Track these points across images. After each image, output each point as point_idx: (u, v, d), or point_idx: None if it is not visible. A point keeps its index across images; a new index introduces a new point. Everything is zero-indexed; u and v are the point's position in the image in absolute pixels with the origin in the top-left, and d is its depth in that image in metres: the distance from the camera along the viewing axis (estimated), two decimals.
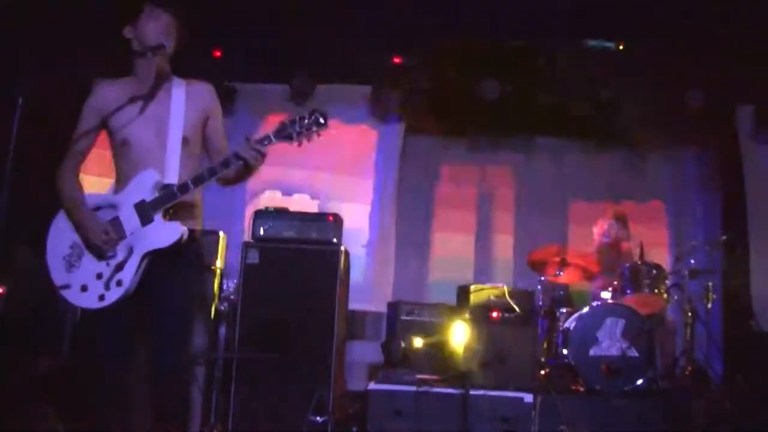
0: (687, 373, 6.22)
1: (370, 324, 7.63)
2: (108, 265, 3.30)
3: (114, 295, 3.27)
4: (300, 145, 3.36)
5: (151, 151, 3.39)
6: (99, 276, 3.30)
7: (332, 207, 7.40)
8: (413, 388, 5.48)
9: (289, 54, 7.37)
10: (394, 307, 6.57)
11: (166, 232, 3.32)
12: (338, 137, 7.77)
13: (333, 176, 7.84)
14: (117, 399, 3.31)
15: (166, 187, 3.33)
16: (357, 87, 7.87)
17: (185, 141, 3.43)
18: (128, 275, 3.28)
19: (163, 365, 3.30)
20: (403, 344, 6.07)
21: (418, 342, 6.03)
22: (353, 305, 6.64)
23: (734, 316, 7.34)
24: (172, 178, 3.36)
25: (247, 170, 3.41)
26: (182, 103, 3.46)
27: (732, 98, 7.51)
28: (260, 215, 5.92)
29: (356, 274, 7.00)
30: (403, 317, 6.41)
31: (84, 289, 3.31)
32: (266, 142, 3.32)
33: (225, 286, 5.96)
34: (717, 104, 7.35)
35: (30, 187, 3.73)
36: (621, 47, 7.16)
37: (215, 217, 6.09)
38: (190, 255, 3.45)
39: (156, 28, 3.38)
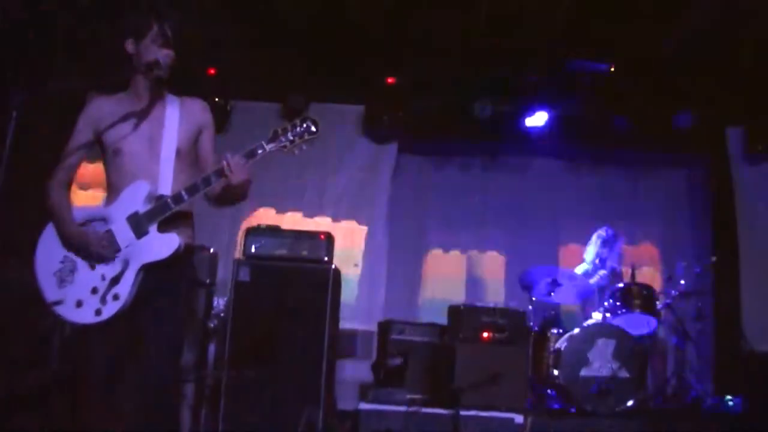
0: (678, 393, 6.22)
1: (360, 343, 7.60)
2: (103, 279, 3.27)
3: (111, 309, 3.24)
4: (294, 153, 3.37)
5: (144, 162, 3.38)
6: (94, 290, 3.26)
7: (325, 225, 7.41)
8: (404, 408, 5.46)
9: (283, 72, 7.40)
10: (384, 326, 6.55)
11: (162, 244, 3.30)
12: (331, 156, 7.81)
13: (325, 195, 7.85)
14: (107, 414, 3.29)
15: (159, 198, 3.32)
16: (350, 106, 7.90)
17: (178, 153, 3.43)
18: (125, 289, 3.25)
19: (152, 380, 3.28)
20: (393, 364, 6.05)
21: (408, 362, 6.02)
22: (344, 324, 6.62)
23: (725, 337, 7.36)
24: (165, 189, 3.35)
25: (232, 189, 3.38)
26: (176, 118, 3.46)
27: (722, 119, 7.57)
28: (252, 232, 5.90)
29: (347, 293, 6.99)
30: (394, 336, 6.39)
31: (79, 304, 3.26)
32: (260, 150, 3.33)
33: (215, 303, 5.94)
34: (708, 125, 7.41)
35: (22, 200, 3.71)
36: (612, 69, 7.21)
37: (207, 232, 6.10)
38: (182, 268, 3.43)
39: (156, 54, 3.37)
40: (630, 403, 5.72)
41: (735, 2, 6.07)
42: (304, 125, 3.37)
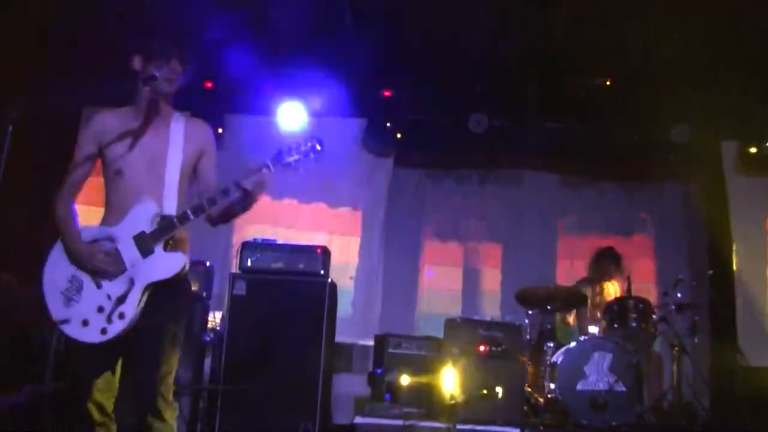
0: (674, 407, 6.21)
1: (357, 357, 7.59)
2: (109, 298, 3.25)
3: (117, 328, 3.21)
4: (297, 171, 3.36)
5: (146, 183, 3.36)
6: (100, 309, 3.24)
7: (320, 239, 7.40)
8: (400, 422, 5.46)
9: (279, 86, 7.41)
10: (381, 340, 6.54)
11: (168, 263, 3.30)
12: (327, 170, 7.81)
13: (321, 209, 7.84)
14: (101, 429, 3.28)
15: (165, 218, 3.31)
16: (347, 119, 7.91)
17: (181, 174, 3.42)
18: (131, 308, 3.23)
19: (147, 397, 3.26)
20: (389, 377, 6.04)
21: (405, 375, 6.01)
22: (340, 338, 6.62)
23: (721, 351, 7.35)
24: (170, 210, 3.34)
25: (243, 204, 3.37)
26: (181, 137, 3.45)
27: (717, 134, 7.59)
28: (248, 246, 5.91)
29: (343, 307, 6.98)
30: (391, 350, 6.39)
31: (85, 323, 3.24)
32: (264, 170, 3.32)
33: (211, 317, 5.93)
34: (703, 140, 7.43)
35: (16, 216, 3.70)
36: (608, 83, 7.24)
37: (202, 246, 6.09)
38: (181, 285, 3.42)
39: (162, 69, 3.34)
40: (627, 416, 5.71)
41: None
42: (309, 143, 3.34)
